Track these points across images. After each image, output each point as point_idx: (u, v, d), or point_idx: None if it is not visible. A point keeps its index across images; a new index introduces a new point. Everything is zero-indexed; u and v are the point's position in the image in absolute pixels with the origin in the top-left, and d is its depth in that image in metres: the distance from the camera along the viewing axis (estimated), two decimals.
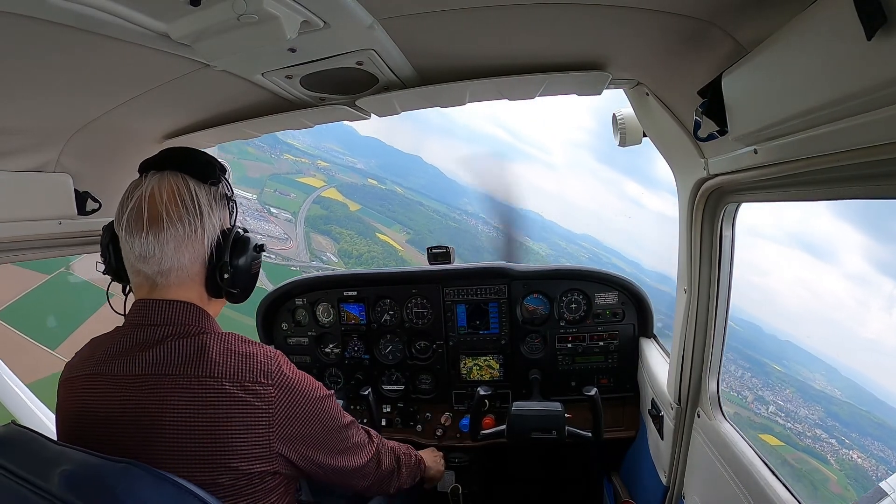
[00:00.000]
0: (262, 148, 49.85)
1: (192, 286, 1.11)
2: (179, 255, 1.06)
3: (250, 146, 46.58)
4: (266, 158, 49.65)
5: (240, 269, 1.15)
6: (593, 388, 2.01)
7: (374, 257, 43.75)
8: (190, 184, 1.08)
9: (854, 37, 0.62)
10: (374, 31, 1.06)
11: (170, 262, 1.06)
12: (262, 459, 1.02)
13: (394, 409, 2.60)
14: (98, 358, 1.07)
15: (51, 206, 1.58)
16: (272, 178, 47.35)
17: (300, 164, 53.74)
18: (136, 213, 1.05)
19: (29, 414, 2.32)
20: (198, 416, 0.97)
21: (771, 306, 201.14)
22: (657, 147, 1.63)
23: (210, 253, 1.11)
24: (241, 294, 1.19)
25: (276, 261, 35.54)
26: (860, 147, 0.79)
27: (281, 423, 1.04)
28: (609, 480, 2.56)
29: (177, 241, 1.05)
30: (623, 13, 1.03)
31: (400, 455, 1.51)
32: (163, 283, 1.08)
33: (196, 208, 1.07)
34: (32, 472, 0.84)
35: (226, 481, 0.98)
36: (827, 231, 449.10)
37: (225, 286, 1.13)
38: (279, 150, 51.36)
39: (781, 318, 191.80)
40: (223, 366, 1.01)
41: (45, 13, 0.84)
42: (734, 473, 1.45)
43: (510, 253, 5.25)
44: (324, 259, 40.36)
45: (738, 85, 1.00)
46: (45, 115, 1.37)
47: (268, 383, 1.03)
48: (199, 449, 0.97)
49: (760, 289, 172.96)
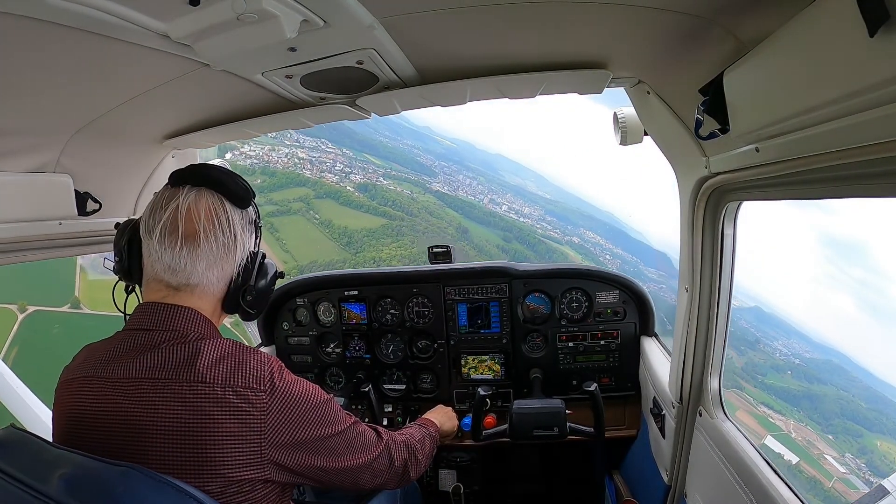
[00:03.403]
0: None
1: (210, 300, 1.15)
2: (210, 272, 1.11)
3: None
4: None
5: (260, 292, 1.21)
6: (593, 384, 2.02)
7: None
8: (227, 206, 1.13)
9: (856, 34, 0.62)
10: (375, 31, 1.06)
11: (198, 279, 1.10)
12: (253, 466, 1.01)
13: (395, 409, 2.60)
14: (95, 361, 1.07)
15: (51, 206, 1.58)
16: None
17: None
18: (170, 225, 1.07)
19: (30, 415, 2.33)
20: (188, 421, 0.97)
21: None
22: (658, 146, 1.62)
23: (237, 274, 1.17)
24: (256, 314, 1.25)
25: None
26: (863, 145, 0.78)
27: (274, 430, 1.03)
28: (611, 479, 2.56)
29: (209, 260, 1.10)
30: (624, 11, 1.02)
31: (413, 444, 1.50)
32: (186, 292, 1.11)
33: (231, 231, 1.12)
34: (31, 475, 0.83)
35: (214, 488, 0.97)
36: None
37: (245, 306, 1.19)
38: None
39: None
40: (216, 371, 1.01)
41: (45, 13, 0.84)
42: (736, 472, 1.45)
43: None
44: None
45: (740, 83, 0.99)
46: (45, 115, 1.37)
47: (260, 389, 1.02)
48: (189, 455, 0.96)
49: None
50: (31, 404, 2.37)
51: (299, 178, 52.91)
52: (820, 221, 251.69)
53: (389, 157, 67.21)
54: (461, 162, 73.96)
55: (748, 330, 39.88)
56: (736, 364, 32.67)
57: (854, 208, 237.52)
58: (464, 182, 65.30)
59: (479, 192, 63.79)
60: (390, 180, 60.17)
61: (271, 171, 52.90)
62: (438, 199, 59.79)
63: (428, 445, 1.60)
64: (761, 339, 39.17)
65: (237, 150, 52.21)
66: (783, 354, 38.03)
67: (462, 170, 69.85)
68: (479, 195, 63.06)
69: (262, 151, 54.68)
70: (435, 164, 69.29)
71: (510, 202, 62.73)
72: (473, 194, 63.05)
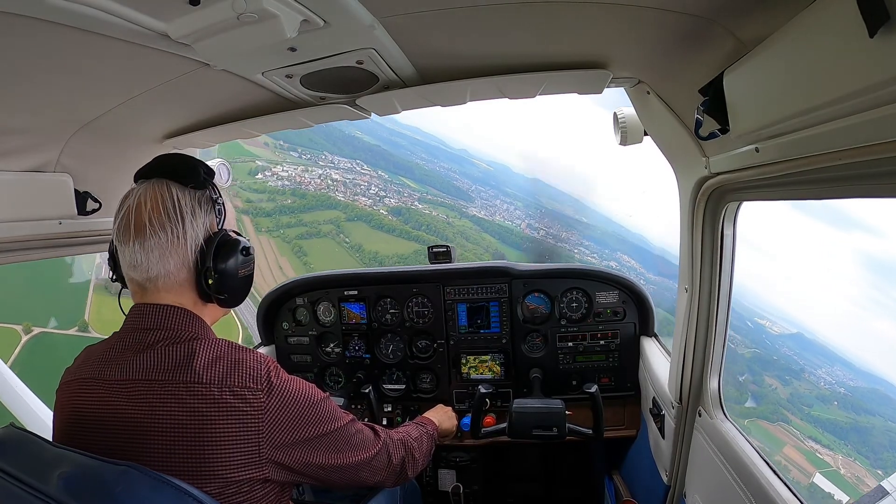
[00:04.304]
0: None
1: (183, 291, 1.11)
2: (164, 262, 1.06)
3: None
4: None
5: (226, 274, 1.12)
6: (594, 385, 2.01)
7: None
8: (174, 190, 1.08)
9: (856, 34, 0.62)
10: (375, 30, 1.06)
11: (156, 270, 1.07)
12: (251, 466, 1.01)
13: (395, 409, 2.60)
14: (94, 362, 1.08)
15: (51, 206, 1.58)
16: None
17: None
18: (124, 222, 1.06)
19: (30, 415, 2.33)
20: (185, 422, 0.96)
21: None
22: (658, 146, 1.62)
23: (196, 258, 1.10)
24: (230, 299, 1.16)
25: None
26: (863, 145, 0.78)
27: (272, 429, 1.03)
28: (610, 479, 2.56)
29: (161, 249, 1.05)
30: (624, 11, 1.02)
31: (410, 443, 1.50)
32: (152, 288, 1.09)
33: (178, 214, 1.06)
34: (31, 474, 0.83)
35: (213, 489, 0.97)
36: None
37: (212, 292, 1.11)
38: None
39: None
40: (212, 372, 1.00)
41: (45, 13, 0.84)
42: (735, 472, 1.45)
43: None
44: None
45: (740, 83, 0.99)
46: (46, 114, 1.37)
47: (257, 388, 1.02)
48: (187, 455, 0.96)
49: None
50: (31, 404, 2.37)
51: (331, 200, 52.08)
52: (863, 245, 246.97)
53: (426, 180, 66.43)
54: (498, 186, 73.30)
55: (792, 358, 37.83)
56: (781, 395, 31.69)
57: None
58: (501, 207, 64.76)
59: (517, 217, 63.27)
60: (426, 204, 59.21)
61: (302, 192, 51.97)
62: (475, 223, 59.01)
63: (426, 444, 1.60)
64: (805, 368, 37.00)
65: (269, 171, 51.77)
66: (827, 383, 36.08)
67: (499, 194, 69.22)
68: (517, 220, 62.50)
69: (294, 172, 53.82)
70: (472, 188, 68.38)
71: (548, 227, 62.22)
72: (511, 219, 62.17)
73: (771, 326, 40.47)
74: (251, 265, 1.20)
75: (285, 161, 55.30)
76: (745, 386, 30.56)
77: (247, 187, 50.66)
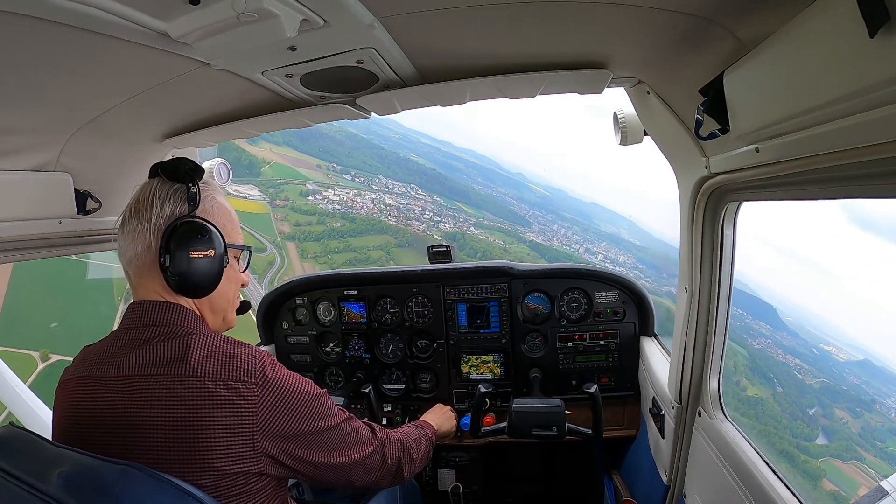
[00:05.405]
0: None
1: (154, 276, 1.11)
2: (135, 244, 1.11)
3: None
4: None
5: (177, 256, 1.08)
6: (593, 385, 2.02)
7: None
8: (155, 183, 1.15)
9: (856, 35, 0.62)
10: (375, 30, 1.06)
11: (130, 253, 1.12)
12: (246, 459, 1.01)
13: (395, 408, 2.60)
14: (91, 361, 1.09)
15: (51, 205, 1.58)
16: None
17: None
18: (121, 217, 1.15)
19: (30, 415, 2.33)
20: (180, 416, 0.97)
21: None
22: (658, 146, 1.62)
23: (159, 243, 1.09)
24: (185, 284, 1.11)
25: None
26: (863, 145, 0.78)
27: (266, 421, 1.03)
28: (610, 479, 2.56)
29: (133, 234, 1.11)
30: (624, 11, 1.02)
31: (408, 444, 1.49)
32: (133, 275, 1.14)
33: (150, 202, 1.12)
34: (30, 473, 0.83)
35: (208, 482, 0.97)
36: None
37: (168, 275, 1.09)
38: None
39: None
40: (206, 365, 1.01)
41: (45, 13, 0.84)
42: (735, 473, 1.45)
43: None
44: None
45: (740, 83, 0.99)
46: (45, 114, 1.37)
47: (251, 382, 1.02)
48: (182, 448, 0.96)
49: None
50: (31, 403, 2.37)
51: (381, 224, 51.29)
52: None
53: (482, 205, 65.98)
54: (555, 211, 72.57)
55: (861, 388, 35.76)
56: (852, 430, 30.00)
57: None
58: (558, 232, 64.45)
59: (574, 242, 62.76)
60: (482, 229, 58.37)
61: (352, 216, 51.16)
62: (532, 248, 58.14)
63: (424, 446, 1.60)
64: (876, 399, 34.78)
65: (320, 195, 51.51)
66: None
67: (557, 219, 68.73)
68: (574, 244, 61.94)
69: (346, 196, 53.43)
70: (529, 213, 67.90)
71: (605, 251, 61.47)
72: (569, 244, 61.72)
73: (837, 353, 38.99)
74: (209, 251, 1.13)
75: (337, 184, 54.87)
76: (815, 420, 29.00)
77: (297, 209, 49.98)
